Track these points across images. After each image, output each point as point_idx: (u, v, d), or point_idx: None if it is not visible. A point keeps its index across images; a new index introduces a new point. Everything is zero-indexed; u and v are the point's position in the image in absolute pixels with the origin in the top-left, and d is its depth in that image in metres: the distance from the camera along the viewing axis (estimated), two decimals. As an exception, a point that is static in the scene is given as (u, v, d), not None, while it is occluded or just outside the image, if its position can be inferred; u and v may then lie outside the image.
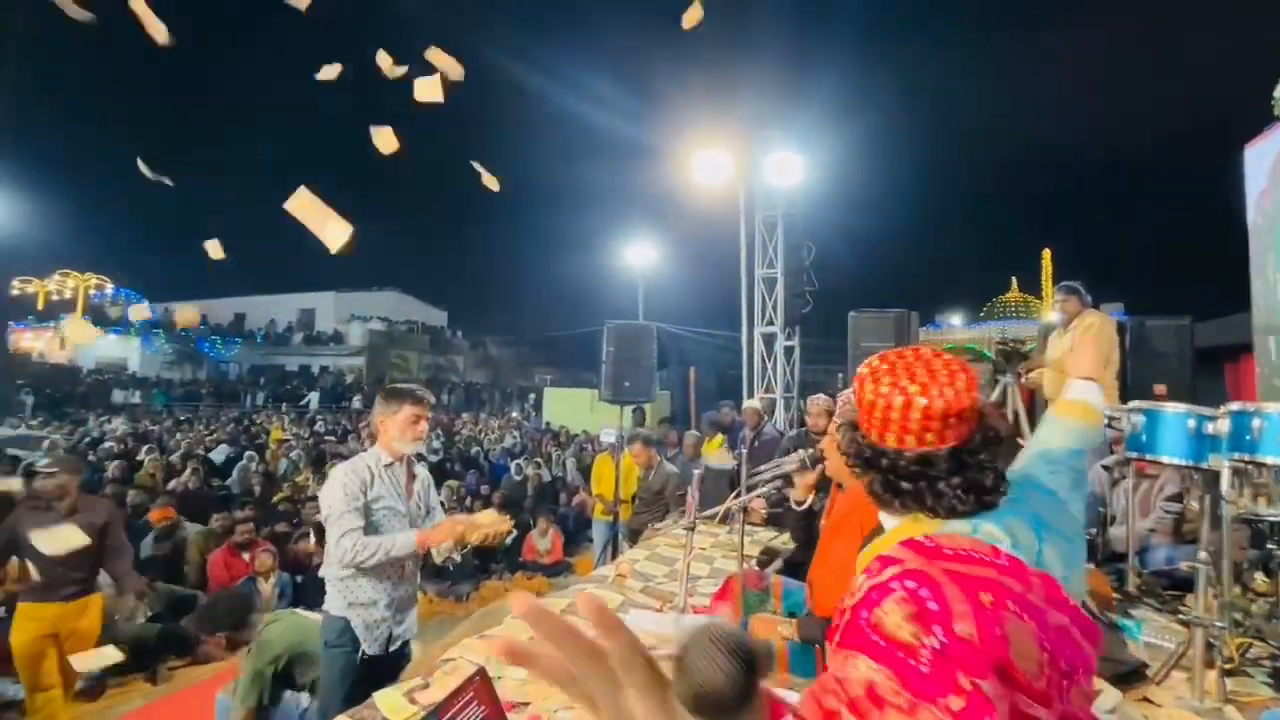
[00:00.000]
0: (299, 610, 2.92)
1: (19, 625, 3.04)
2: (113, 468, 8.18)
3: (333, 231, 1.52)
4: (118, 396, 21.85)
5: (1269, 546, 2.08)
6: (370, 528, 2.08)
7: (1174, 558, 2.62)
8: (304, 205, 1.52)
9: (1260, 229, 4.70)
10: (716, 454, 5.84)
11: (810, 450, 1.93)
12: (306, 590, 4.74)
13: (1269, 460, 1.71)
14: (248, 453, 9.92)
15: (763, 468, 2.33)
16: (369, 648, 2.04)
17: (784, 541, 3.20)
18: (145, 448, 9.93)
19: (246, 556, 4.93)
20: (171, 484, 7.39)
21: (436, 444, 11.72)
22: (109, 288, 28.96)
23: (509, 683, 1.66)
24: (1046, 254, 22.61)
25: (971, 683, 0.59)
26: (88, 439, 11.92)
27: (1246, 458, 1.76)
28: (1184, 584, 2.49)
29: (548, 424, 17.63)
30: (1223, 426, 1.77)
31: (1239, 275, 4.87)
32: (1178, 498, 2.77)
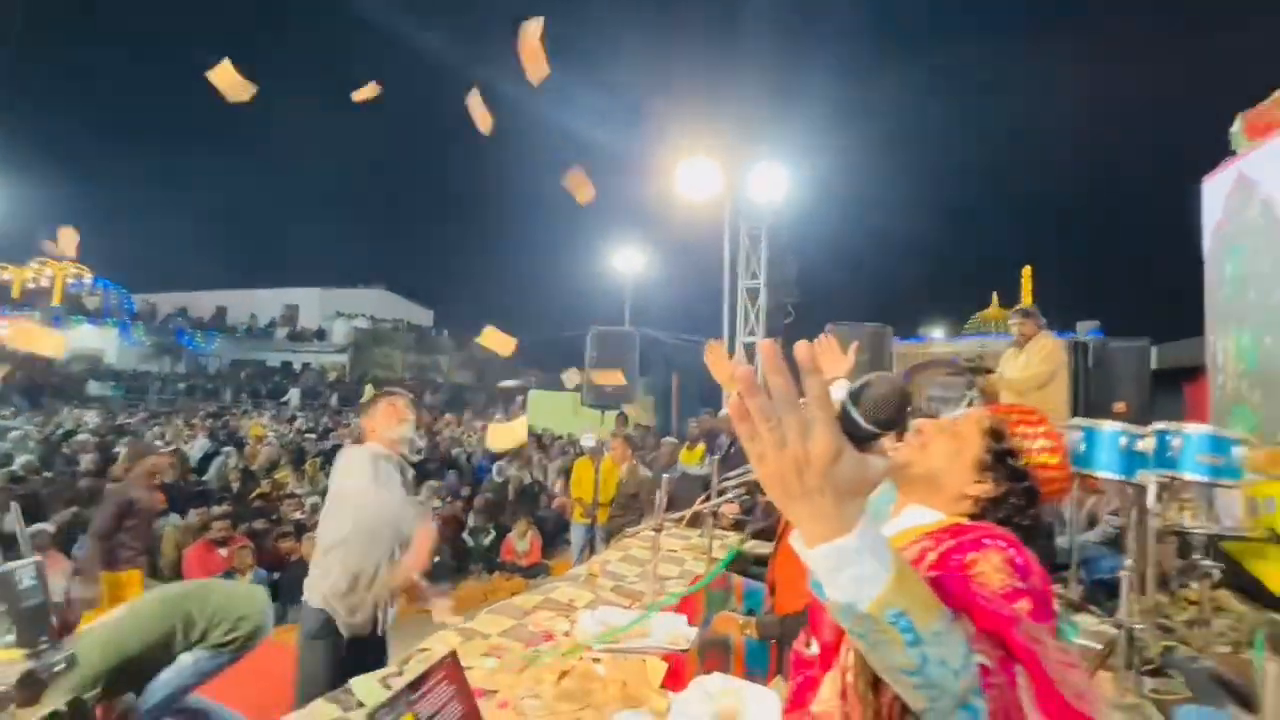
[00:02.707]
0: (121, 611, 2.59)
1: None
2: (86, 460, 8.10)
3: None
4: (93, 388, 21.46)
5: (1194, 557, 2.24)
6: (376, 521, 2.15)
7: (1115, 567, 2.77)
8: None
9: (1215, 258, 4.94)
10: (695, 462, 5.95)
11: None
12: (284, 588, 4.76)
13: (1186, 476, 1.86)
14: (226, 448, 9.86)
15: (733, 474, 2.45)
16: (350, 632, 2.10)
17: (752, 548, 3.32)
18: (123, 440, 9.82)
19: (224, 553, 4.95)
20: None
21: (420, 443, 11.71)
22: (87, 278, 28.45)
23: (478, 672, 1.75)
24: (1027, 271, 23.07)
25: (1034, 607, 0.72)
26: (60, 430, 11.74)
27: (1169, 474, 1.92)
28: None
29: (530, 426, 17.64)
30: (1149, 444, 1.92)
31: (1196, 302, 5.12)
32: (1119, 512, 2.94)
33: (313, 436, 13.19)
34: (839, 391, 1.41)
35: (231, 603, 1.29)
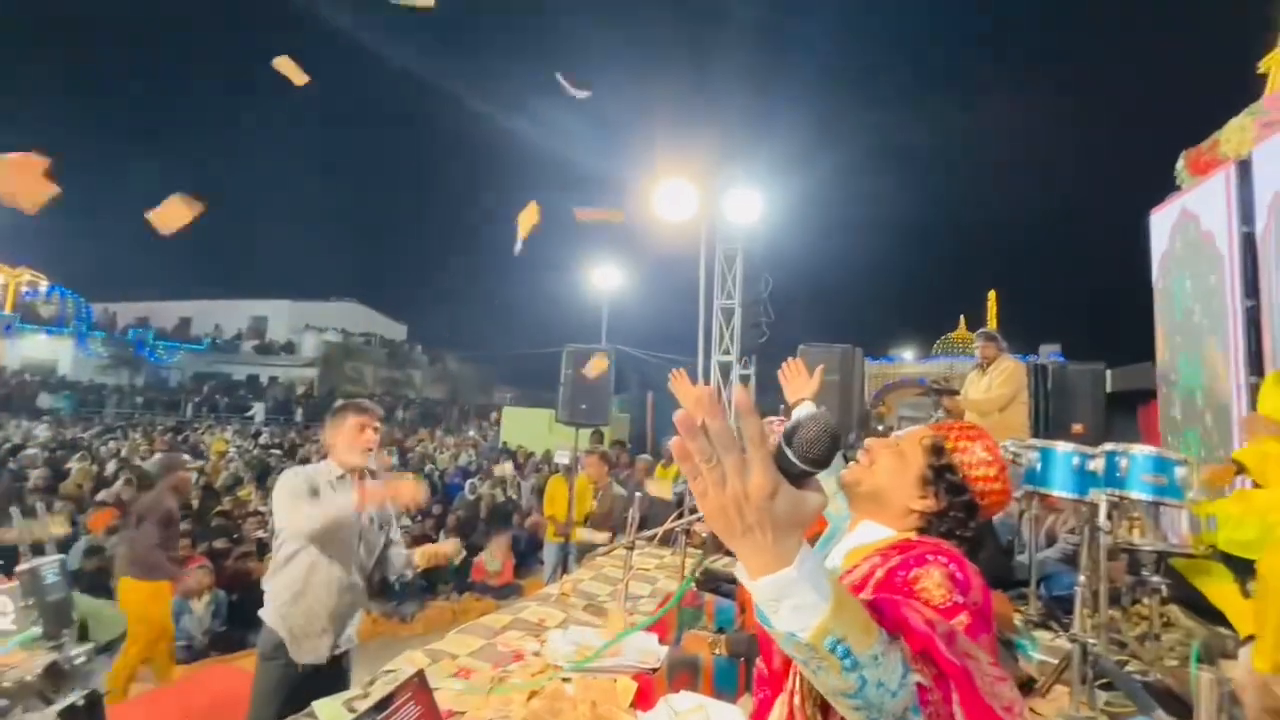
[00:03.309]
0: None
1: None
2: (35, 476, 7.75)
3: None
4: (45, 401, 20.56)
5: (1143, 573, 2.33)
6: (320, 539, 2.10)
7: (1073, 584, 2.87)
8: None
9: (1163, 286, 5.20)
10: (661, 483, 5.95)
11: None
12: (245, 609, 4.60)
13: (1133, 495, 1.95)
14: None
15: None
16: (304, 658, 2.05)
17: (725, 565, 3.34)
18: (76, 455, 9.42)
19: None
20: (101, 495, 7.05)
21: (391, 460, 11.46)
22: (43, 285, 27.41)
23: (446, 693, 1.73)
24: (992, 295, 23.82)
25: (972, 622, 0.77)
26: (7, 445, 11.21)
27: (1118, 493, 2.01)
28: (1080, 608, 2.73)
29: (505, 444, 17.44)
30: (1099, 464, 2.01)
31: (1148, 328, 5.38)
32: (1077, 530, 3.05)
33: (278, 452, 12.82)
34: (803, 414, 1.48)
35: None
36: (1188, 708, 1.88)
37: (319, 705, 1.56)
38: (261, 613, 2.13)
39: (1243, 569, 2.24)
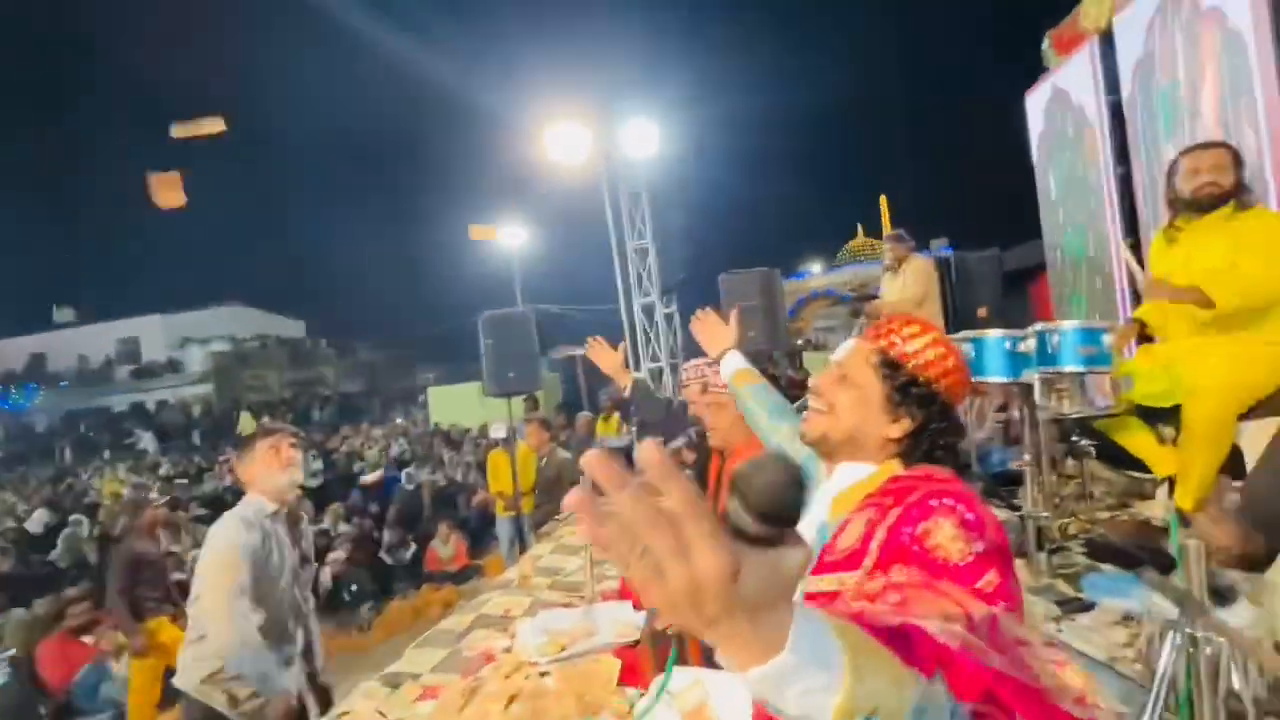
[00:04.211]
0: None
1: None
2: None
3: None
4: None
5: (1073, 439, 2.48)
6: (260, 591, 1.83)
7: (1005, 459, 3.05)
8: None
9: (1041, 165, 5.49)
10: (612, 432, 5.87)
11: (693, 432, 1.99)
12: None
13: (1068, 369, 2.01)
14: (73, 516, 8.44)
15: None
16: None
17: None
18: (-73, 534, 8.13)
19: (89, 640, 4.23)
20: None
21: (316, 465, 10.72)
22: None
23: (416, 720, 1.55)
24: (883, 200, 24.88)
25: (1000, 574, 0.72)
26: None
27: (1051, 370, 2.06)
28: (1016, 479, 2.90)
29: (437, 425, 16.79)
30: (1031, 345, 2.04)
31: (1034, 206, 5.70)
32: (1003, 408, 3.22)
33: (184, 482, 11.69)
34: (731, 364, 1.29)
35: None
36: (1131, 555, 2.02)
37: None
38: (180, 678, 1.85)
39: (1155, 418, 2.41)
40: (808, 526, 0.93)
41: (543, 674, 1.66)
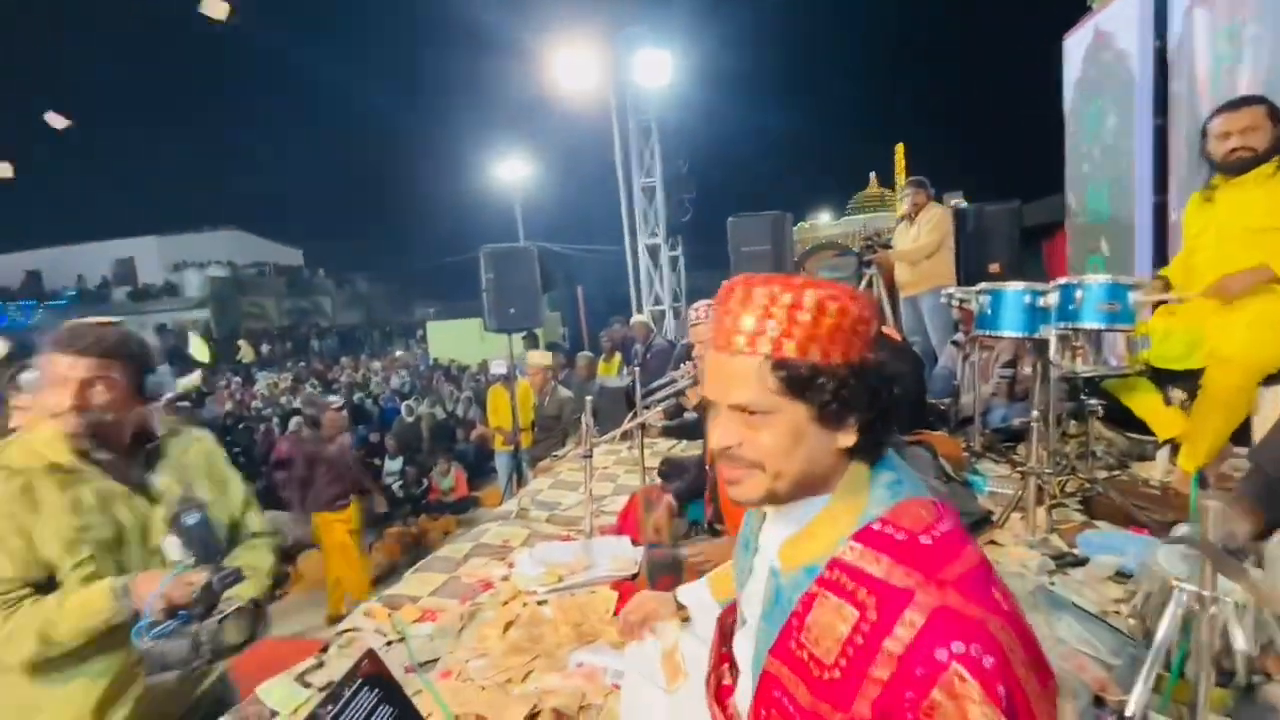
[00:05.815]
0: None
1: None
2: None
3: None
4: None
5: (1081, 398, 2.44)
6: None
7: (1008, 415, 3.03)
8: None
9: (1075, 111, 5.22)
10: (613, 373, 5.85)
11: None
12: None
13: (1088, 326, 1.95)
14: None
15: (656, 384, 2.35)
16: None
17: (682, 450, 3.31)
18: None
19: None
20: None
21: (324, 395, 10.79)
22: None
23: (417, 641, 1.59)
24: (899, 149, 24.05)
25: None
26: None
27: (1070, 326, 2.00)
28: (1017, 436, 2.90)
29: (435, 360, 16.83)
30: (1052, 299, 1.97)
31: (1058, 160, 5.46)
32: (1010, 364, 3.18)
33: (186, 405, 11.78)
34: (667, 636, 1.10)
35: None
36: (1126, 514, 2.03)
37: (264, 690, 1.37)
38: None
39: (1167, 381, 2.38)
40: (759, 569, 0.80)
41: (540, 603, 1.69)
